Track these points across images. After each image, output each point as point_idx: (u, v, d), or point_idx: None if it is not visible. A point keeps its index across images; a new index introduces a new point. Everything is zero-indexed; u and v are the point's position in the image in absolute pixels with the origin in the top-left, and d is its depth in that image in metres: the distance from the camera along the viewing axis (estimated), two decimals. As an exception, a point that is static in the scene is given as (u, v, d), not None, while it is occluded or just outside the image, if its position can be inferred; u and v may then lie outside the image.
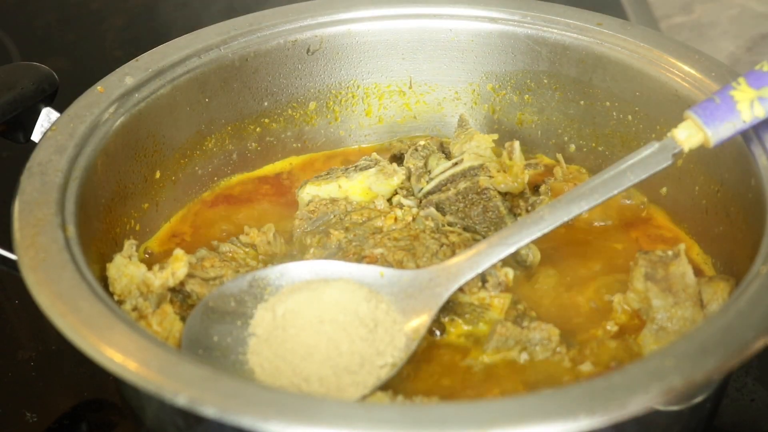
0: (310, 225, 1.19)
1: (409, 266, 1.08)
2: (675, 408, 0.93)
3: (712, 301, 1.05)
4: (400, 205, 1.20)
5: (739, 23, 1.80)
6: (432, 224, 1.16)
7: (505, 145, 1.23)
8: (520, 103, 1.35)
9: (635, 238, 1.21)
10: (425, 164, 1.24)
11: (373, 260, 1.10)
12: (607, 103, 1.28)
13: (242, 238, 1.16)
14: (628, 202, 1.25)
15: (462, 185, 1.19)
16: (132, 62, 1.22)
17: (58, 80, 1.20)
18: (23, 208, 1.02)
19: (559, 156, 1.31)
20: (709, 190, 1.17)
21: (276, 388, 0.96)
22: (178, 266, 1.07)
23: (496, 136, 1.24)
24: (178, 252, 1.08)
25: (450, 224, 1.17)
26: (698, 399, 0.95)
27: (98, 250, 1.08)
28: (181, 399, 0.83)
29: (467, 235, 1.15)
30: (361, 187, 1.21)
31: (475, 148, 1.22)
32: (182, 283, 1.08)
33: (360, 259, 1.11)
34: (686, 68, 1.20)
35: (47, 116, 1.17)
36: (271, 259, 1.15)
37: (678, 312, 1.04)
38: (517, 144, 1.22)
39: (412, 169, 1.23)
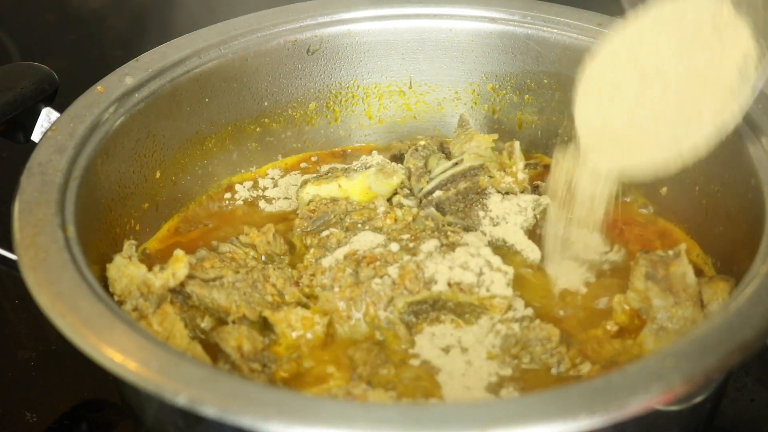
0: (310, 225, 1.19)
1: (410, 267, 1.08)
2: (675, 408, 0.93)
3: (712, 301, 1.05)
4: (400, 205, 1.20)
5: (739, 23, 1.80)
6: (432, 224, 1.16)
7: (505, 145, 1.23)
8: (520, 103, 1.35)
9: (635, 239, 1.21)
10: (425, 164, 1.24)
11: (372, 260, 1.10)
12: (607, 103, 1.28)
13: (242, 238, 1.16)
14: (628, 200, 1.25)
15: (462, 185, 1.19)
16: (132, 62, 1.22)
17: (58, 80, 1.20)
18: (23, 208, 1.02)
19: None
20: (709, 190, 1.17)
21: (276, 389, 0.96)
22: (179, 267, 1.07)
23: (496, 136, 1.24)
24: (179, 253, 1.08)
25: (450, 224, 1.17)
26: (698, 399, 0.95)
27: (98, 250, 1.08)
28: (181, 399, 0.83)
29: (469, 235, 1.15)
30: (360, 186, 1.21)
31: (476, 148, 1.22)
32: (182, 284, 1.08)
33: (359, 259, 1.11)
34: (686, 68, 1.20)
35: (47, 116, 1.17)
36: (271, 259, 1.15)
37: (678, 312, 1.04)
38: (517, 144, 1.22)
39: (412, 169, 1.23)
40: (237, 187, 1.30)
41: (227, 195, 1.30)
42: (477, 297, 1.07)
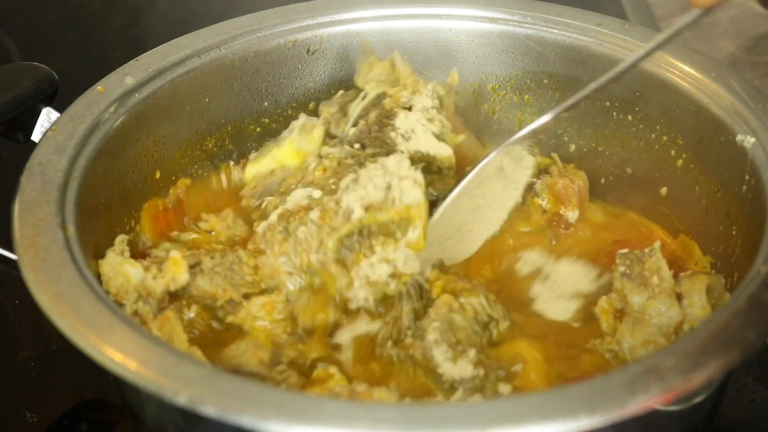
0: (255, 200, 1.21)
1: (329, 206, 1.10)
2: (675, 408, 0.93)
3: (688, 295, 1.06)
4: (327, 155, 1.21)
5: (739, 23, 1.80)
6: (353, 161, 1.17)
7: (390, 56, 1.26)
8: (520, 103, 1.35)
9: (635, 239, 1.21)
10: (340, 109, 1.25)
11: (298, 212, 1.11)
12: (607, 103, 1.28)
13: (201, 224, 1.18)
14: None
15: (372, 115, 1.21)
16: (132, 62, 1.22)
17: (58, 80, 1.20)
18: (23, 208, 1.02)
19: (555, 155, 1.31)
20: (709, 190, 1.17)
21: (276, 389, 0.96)
22: (179, 271, 1.07)
23: (392, 59, 1.26)
24: (175, 255, 1.08)
25: (373, 155, 1.18)
26: (698, 399, 0.95)
27: (98, 250, 1.08)
28: (181, 399, 0.83)
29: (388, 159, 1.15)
30: (290, 150, 1.24)
31: (377, 76, 1.24)
32: None
33: (289, 216, 1.11)
34: (686, 68, 1.20)
35: (47, 116, 1.17)
36: (232, 242, 1.16)
37: (653, 304, 1.06)
38: (396, 53, 1.25)
39: (328, 117, 1.25)
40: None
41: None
42: (394, 211, 1.08)
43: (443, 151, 1.18)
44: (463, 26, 1.33)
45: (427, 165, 1.17)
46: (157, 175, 1.23)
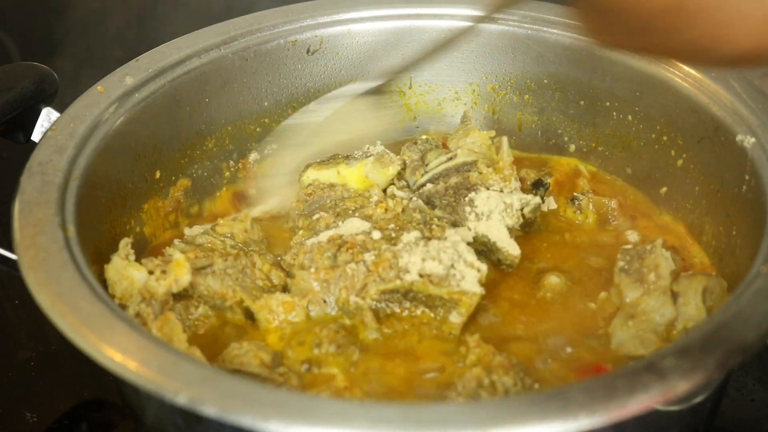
0: (306, 207, 1.19)
1: (386, 255, 1.09)
2: (675, 408, 0.93)
3: (685, 293, 1.06)
4: (393, 196, 1.20)
5: (739, 23, 1.80)
6: (419, 216, 1.16)
7: (494, 141, 1.23)
8: (520, 103, 1.35)
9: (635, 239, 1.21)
10: (422, 157, 1.24)
11: (352, 246, 1.10)
12: (607, 103, 1.28)
13: (217, 228, 1.17)
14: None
15: (453, 180, 1.19)
16: (132, 62, 1.22)
17: (58, 80, 1.20)
18: (23, 208, 1.02)
19: (582, 167, 1.30)
20: (709, 190, 1.17)
21: (276, 389, 0.96)
22: (182, 273, 1.06)
23: (493, 133, 1.24)
24: (179, 257, 1.08)
25: (438, 218, 1.17)
26: (698, 399, 0.95)
27: (98, 250, 1.08)
28: (181, 399, 0.83)
29: (453, 230, 1.15)
30: (358, 174, 1.22)
31: (471, 144, 1.23)
32: None
33: (341, 244, 1.11)
34: (686, 68, 1.20)
35: (47, 116, 1.17)
36: (247, 246, 1.16)
37: (646, 300, 1.06)
38: (504, 139, 1.22)
39: (407, 161, 1.24)
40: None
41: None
42: (447, 291, 1.07)
43: (512, 249, 1.14)
44: (463, 26, 1.33)
45: (486, 252, 1.15)
46: (157, 175, 1.23)
